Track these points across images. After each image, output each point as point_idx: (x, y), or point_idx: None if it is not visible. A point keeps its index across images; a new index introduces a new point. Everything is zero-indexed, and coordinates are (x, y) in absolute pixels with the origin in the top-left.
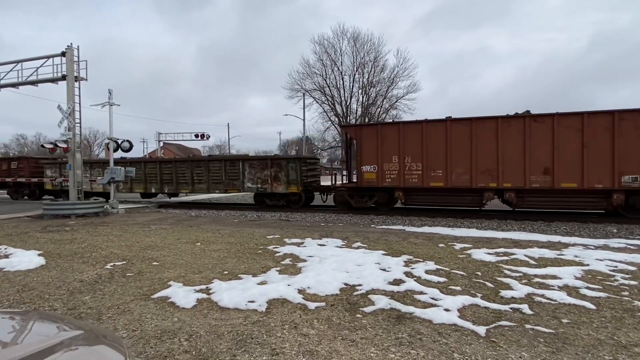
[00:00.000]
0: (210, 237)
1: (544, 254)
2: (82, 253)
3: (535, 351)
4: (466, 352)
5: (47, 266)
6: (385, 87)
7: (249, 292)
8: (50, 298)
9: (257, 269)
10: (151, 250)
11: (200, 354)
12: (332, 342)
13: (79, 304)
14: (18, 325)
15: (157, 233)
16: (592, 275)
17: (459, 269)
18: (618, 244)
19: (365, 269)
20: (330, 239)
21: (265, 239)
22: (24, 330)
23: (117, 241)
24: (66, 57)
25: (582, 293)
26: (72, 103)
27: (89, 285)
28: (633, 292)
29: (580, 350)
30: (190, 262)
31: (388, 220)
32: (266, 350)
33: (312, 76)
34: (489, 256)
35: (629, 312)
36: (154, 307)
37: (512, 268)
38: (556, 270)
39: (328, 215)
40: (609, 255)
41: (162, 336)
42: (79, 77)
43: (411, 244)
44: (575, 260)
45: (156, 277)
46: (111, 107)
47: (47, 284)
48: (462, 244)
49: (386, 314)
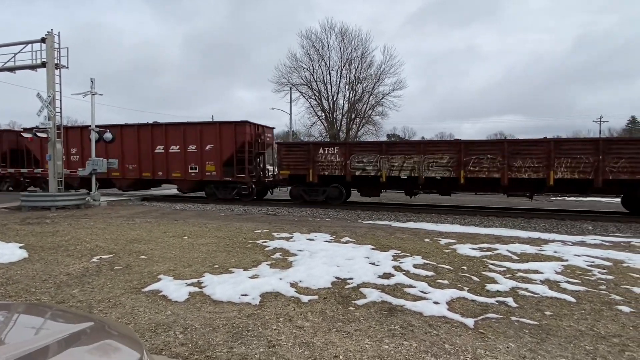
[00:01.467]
0: (197, 230)
1: (526, 250)
2: (66, 246)
3: (522, 341)
4: (456, 343)
5: (30, 259)
6: (372, 84)
7: (242, 286)
8: (37, 291)
9: (247, 262)
10: (138, 244)
11: (196, 346)
12: (327, 334)
13: (67, 297)
14: (13, 319)
15: (142, 226)
16: (571, 270)
17: (446, 263)
18: (594, 241)
19: (355, 263)
20: (318, 233)
21: (253, 233)
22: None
23: (102, 234)
24: (46, 43)
25: (562, 287)
26: (53, 91)
27: (77, 279)
28: (610, 286)
29: (563, 341)
30: (179, 256)
31: (375, 216)
32: (263, 342)
33: (299, 70)
34: (474, 251)
35: (607, 304)
36: (146, 301)
37: (496, 263)
38: (537, 265)
39: (315, 211)
40: (586, 251)
41: (157, 329)
42: (60, 65)
43: (398, 238)
44: (555, 255)
45: (145, 271)
46: (93, 97)
47: (32, 277)
48: (447, 239)
49: (378, 307)
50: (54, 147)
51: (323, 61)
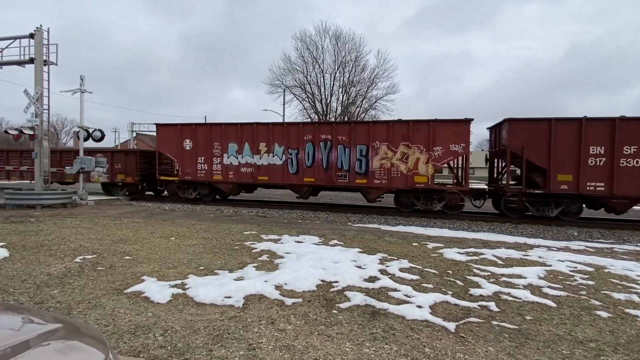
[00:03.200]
0: (185, 231)
1: (511, 255)
2: (49, 245)
3: (501, 346)
4: (437, 346)
5: (10, 258)
6: (365, 87)
7: (226, 288)
8: (15, 292)
9: (233, 264)
10: (123, 244)
11: (176, 349)
12: (308, 337)
13: (46, 297)
14: None
15: (129, 226)
16: (554, 275)
17: (432, 267)
18: (578, 246)
19: (342, 266)
20: (307, 236)
21: (242, 235)
22: None
23: (87, 234)
24: (35, 39)
25: (544, 292)
26: (40, 88)
27: (57, 279)
28: (590, 292)
29: (541, 345)
30: (164, 257)
31: (364, 219)
32: (243, 345)
33: (293, 72)
34: (460, 255)
35: (586, 310)
36: (127, 302)
37: (481, 267)
38: (521, 270)
39: (305, 213)
40: (569, 257)
41: (136, 331)
42: (49, 61)
43: (386, 242)
44: (539, 260)
45: (129, 272)
46: (82, 94)
47: (11, 277)
48: (435, 243)
49: (361, 310)
50: (41, 145)
51: (317, 64)
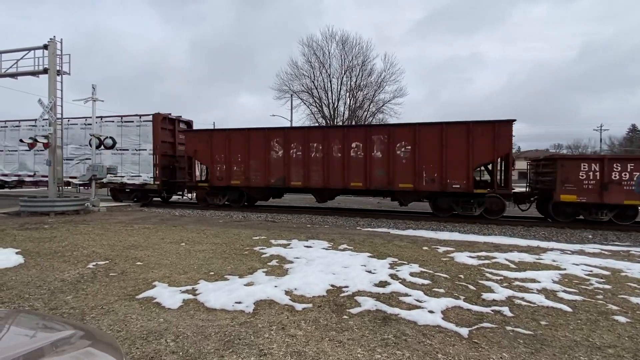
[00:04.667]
0: (195, 237)
1: (524, 258)
2: (63, 252)
3: (515, 352)
4: (450, 352)
5: (26, 265)
6: (373, 91)
7: (236, 293)
8: (30, 297)
9: (243, 270)
10: (134, 250)
11: (187, 354)
12: (319, 343)
13: (61, 303)
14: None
15: (140, 232)
16: (568, 279)
17: (443, 271)
18: (593, 249)
19: (352, 271)
20: (316, 240)
21: (251, 240)
22: (7, 330)
23: (99, 240)
24: (49, 50)
25: (559, 296)
26: (54, 97)
27: (71, 285)
28: (607, 296)
29: (558, 351)
30: (175, 263)
31: (373, 223)
32: (254, 351)
33: (300, 77)
34: (471, 259)
35: (603, 315)
36: (139, 308)
37: (494, 271)
38: (535, 274)
39: (314, 217)
40: (584, 260)
41: (149, 337)
42: (62, 71)
43: (396, 246)
44: (553, 264)
45: (140, 277)
46: (94, 103)
47: (26, 283)
48: (446, 247)
49: (372, 315)
50: (54, 153)
51: (324, 68)
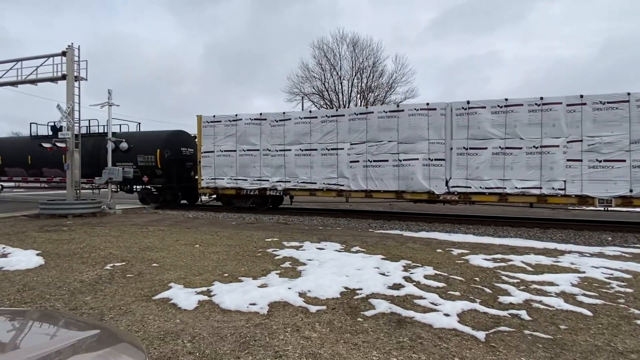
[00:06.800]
0: (209, 239)
1: (541, 261)
2: (81, 253)
3: (534, 356)
4: (466, 356)
5: (46, 266)
6: (384, 93)
7: (250, 295)
8: (51, 298)
9: (257, 271)
10: (150, 252)
11: (204, 355)
12: (334, 346)
13: (80, 304)
14: (27, 325)
15: (155, 234)
16: (588, 282)
17: (457, 274)
18: (613, 252)
19: (365, 273)
20: (328, 242)
21: (264, 242)
22: (33, 330)
23: (116, 242)
24: (66, 56)
25: (578, 300)
26: (72, 103)
27: (90, 286)
28: (629, 300)
29: (579, 356)
30: (190, 264)
31: (386, 225)
32: (269, 353)
33: (311, 80)
34: (487, 262)
35: (625, 319)
36: (156, 309)
37: (510, 274)
38: (553, 277)
39: (325, 219)
40: (604, 263)
41: (166, 337)
42: (79, 77)
43: (409, 248)
44: (572, 267)
45: (156, 279)
46: (110, 108)
47: (47, 283)
48: (460, 250)
49: (387, 318)
50: (72, 157)
51: (335, 70)
